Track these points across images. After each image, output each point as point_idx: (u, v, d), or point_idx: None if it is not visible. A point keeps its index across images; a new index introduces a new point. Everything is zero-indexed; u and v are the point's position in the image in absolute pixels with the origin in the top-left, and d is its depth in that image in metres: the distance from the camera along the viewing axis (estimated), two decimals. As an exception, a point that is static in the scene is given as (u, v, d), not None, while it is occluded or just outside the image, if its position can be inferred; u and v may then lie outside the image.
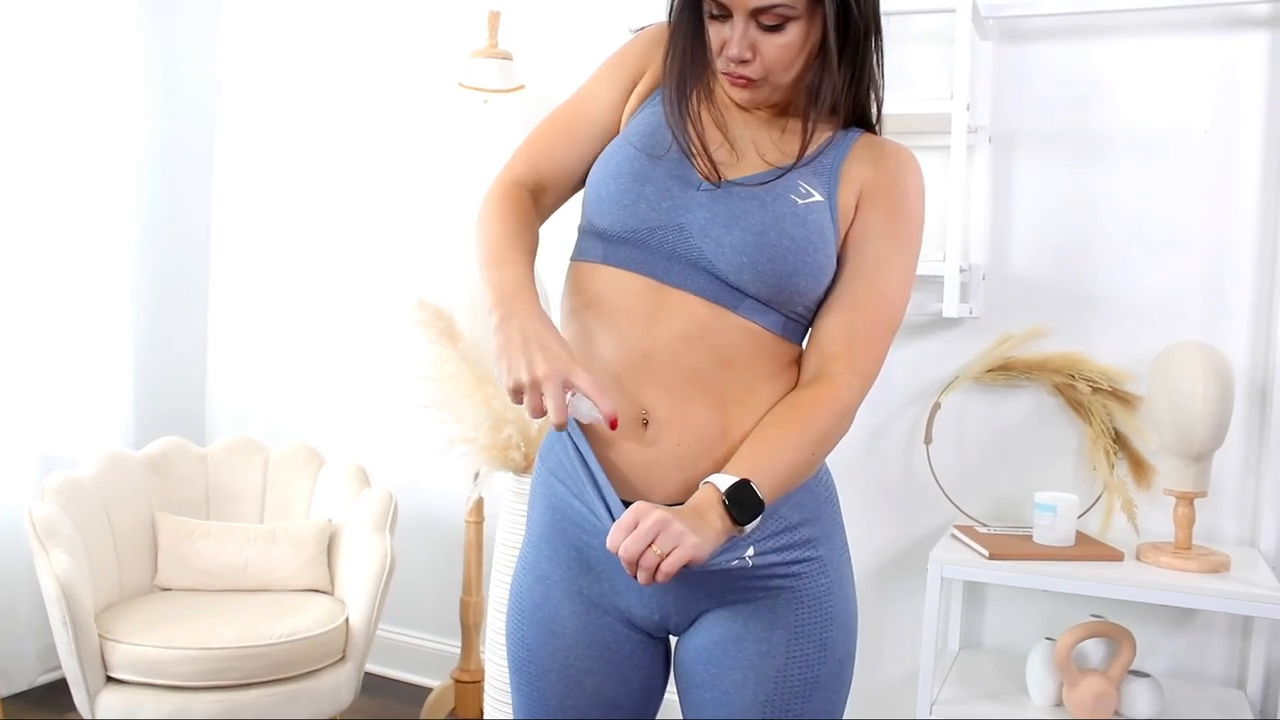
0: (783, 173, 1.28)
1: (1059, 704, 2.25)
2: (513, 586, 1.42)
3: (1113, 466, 2.43)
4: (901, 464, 2.69)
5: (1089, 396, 2.45)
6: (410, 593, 3.30)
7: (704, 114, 1.30)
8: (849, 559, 1.37)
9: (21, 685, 3.07)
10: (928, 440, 2.62)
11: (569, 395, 1.17)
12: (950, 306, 2.35)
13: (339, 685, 2.61)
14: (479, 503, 2.78)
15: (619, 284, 1.29)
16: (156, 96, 3.43)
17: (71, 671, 2.43)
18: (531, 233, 1.34)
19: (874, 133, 1.37)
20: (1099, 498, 2.48)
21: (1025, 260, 2.57)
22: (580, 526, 1.33)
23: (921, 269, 2.38)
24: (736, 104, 1.33)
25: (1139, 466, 2.43)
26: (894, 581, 2.71)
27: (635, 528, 1.10)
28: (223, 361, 3.66)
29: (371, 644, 2.70)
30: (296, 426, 3.49)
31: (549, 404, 1.15)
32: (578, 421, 1.25)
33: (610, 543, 1.11)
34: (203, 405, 3.68)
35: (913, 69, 2.62)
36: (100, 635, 2.44)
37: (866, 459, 2.71)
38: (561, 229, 1.52)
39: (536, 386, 1.15)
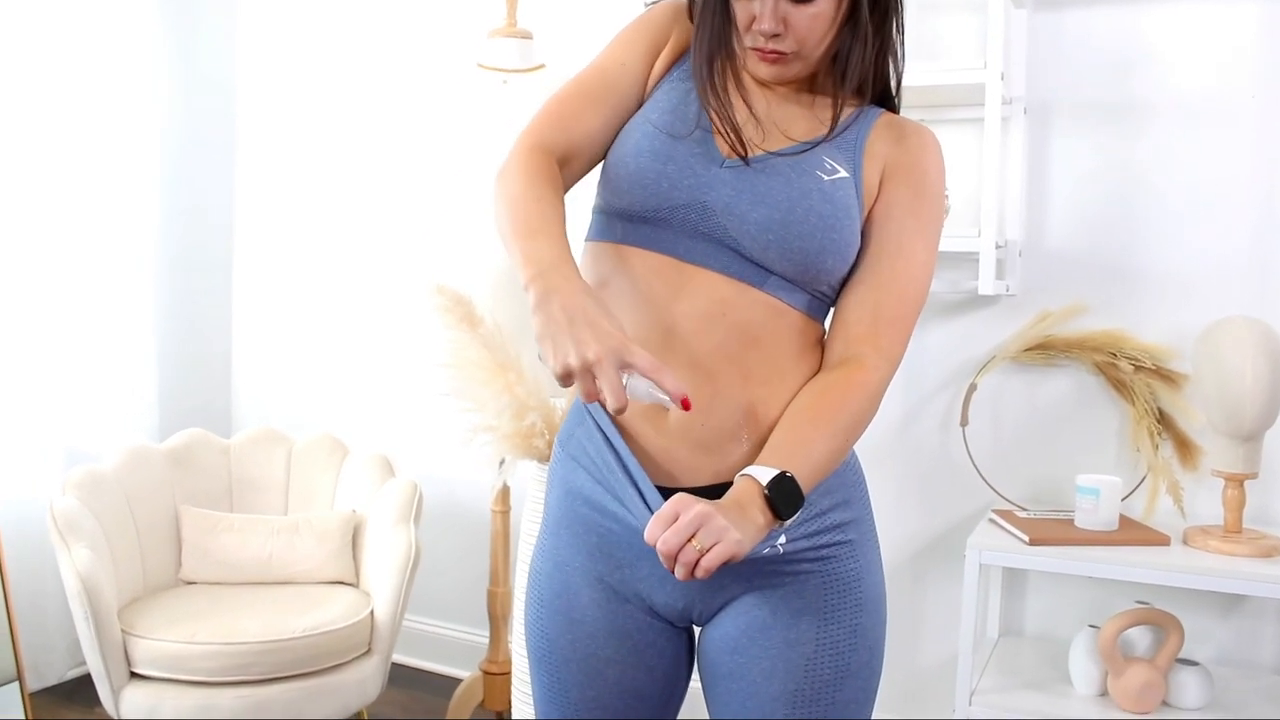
0: (810, 146, 1.26)
1: (1104, 693, 2.19)
2: (530, 574, 1.39)
3: (1157, 447, 2.36)
4: (937, 447, 2.62)
5: (1131, 375, 2.38)
6: (437, 583, 3.28)
7: (732, 92, 1.26)
8: (878, 544, 1.34)
9: (51, 680, 3.07)
10: (964, 422, 2.55)
11: (625, 377, 1.07)
12: (986, 284, 2.29)
13: (365, 679, 2.58)
14: (504, 492, 2.75)
15: (638, 262, 1.25)
16: (176, 86, 3.42)
17: (95, 667, 2.41)
18: (562, 201, 1.25)
19: (894, 110, 1.36)
20: (1143, 480, 2.40)
21: (1063, 235, 2.49)
22: (601, 513, 1.28)
23: (957, 245, 2.32)
24: (758, 81, 1.30)
25: (1185, 447, 2.36)
26: (930, 568, 2.65)
27: (675, 520, 1.05)
28: (247, 353, 3.65)
29: (398, 636, 2.67)
30: (320, 417, 3.47)
31: (604, 388, 1.05)
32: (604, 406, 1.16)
33: (649, 535, 1.06)
34: (228, 397, 3.67)
35: (945, 38, 2.55)
36: (123, 630, 2.42)
37: (901, 442, 2.65)
38: (576, 207, 1.46)
39: (588, 370, 1.05)
